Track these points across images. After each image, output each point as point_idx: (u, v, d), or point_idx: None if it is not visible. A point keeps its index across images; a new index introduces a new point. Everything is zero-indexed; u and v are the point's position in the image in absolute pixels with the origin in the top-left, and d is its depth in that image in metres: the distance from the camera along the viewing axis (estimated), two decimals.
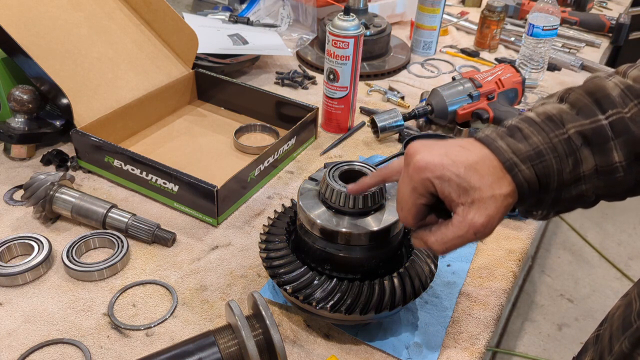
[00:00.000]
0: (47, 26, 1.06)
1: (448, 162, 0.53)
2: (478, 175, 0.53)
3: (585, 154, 0.54)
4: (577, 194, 0.56)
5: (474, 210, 0.53)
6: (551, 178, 0.54)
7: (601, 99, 0.54)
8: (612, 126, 0.53)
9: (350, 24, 1.07)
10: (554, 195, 0.55)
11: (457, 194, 0.53)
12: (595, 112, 0.54)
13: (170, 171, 0.92)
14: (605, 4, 2.03)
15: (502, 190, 0.53)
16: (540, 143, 0.54)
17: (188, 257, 0.87)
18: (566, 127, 0.54)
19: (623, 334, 0.56)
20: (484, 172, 0.53)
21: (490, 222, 0.53)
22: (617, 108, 0.54)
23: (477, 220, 0.53)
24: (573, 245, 2.61)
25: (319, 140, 1.17)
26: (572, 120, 0.54)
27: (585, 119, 0.54)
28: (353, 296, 0.70)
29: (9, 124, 1.03)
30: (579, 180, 0.54)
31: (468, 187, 0.52)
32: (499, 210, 0.53)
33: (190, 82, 1.23)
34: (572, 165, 0.54)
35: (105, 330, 0.75)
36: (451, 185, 0.53)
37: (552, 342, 2.16)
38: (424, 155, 0.54)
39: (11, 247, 0.84)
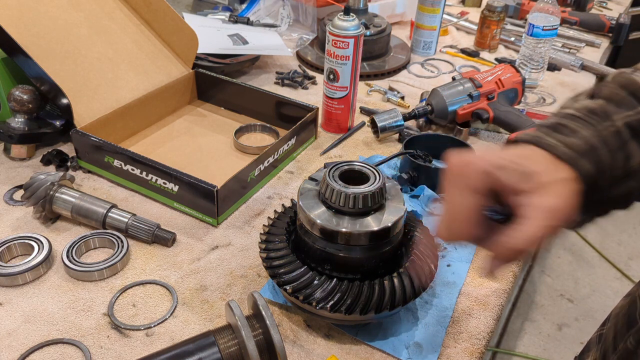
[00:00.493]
0: (47, 26, 1.06)
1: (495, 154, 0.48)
2: (534, 163, 0.47)
3: (634, 147, 0.50)
4: (625, 192, 0.51)
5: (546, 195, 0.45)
6: (604, 173, 0.49)
7: (636, 91, 0.51)
8: None
9: (350, 24, 1.07)
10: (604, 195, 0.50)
11: (518, 181, 0.46)
12: (635, 104, 0.51)
13: (170, 171, 0.92)
14: (605, 4, 2.03)
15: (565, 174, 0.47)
16: (592, 136, 0.49)
17: (188, 257, 0.87)
18: (613, 119, 0.50)
19: (628, 332, 0.56)
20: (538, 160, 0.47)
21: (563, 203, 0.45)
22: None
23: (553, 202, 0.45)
24: (573, 245, 2.61)
25: (319, 140, 1.17)
26: (617, 113, 0.50)
27: (629, 111, 0.50)
28: (353, 296, 0.70)
29: (9, 124, 1.03)
30: (628, 176, 0.50)
31: (529, 172, 0.46)
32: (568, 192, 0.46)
33: (190, 82, 1.23)
34: (623, 160, 0.49)
35: (105, 330, 0.75)
36: (509, 172, 0.46)
37: (552, 342, 2.16)
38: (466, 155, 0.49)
39: (11, 247, 0.84)
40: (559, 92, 1.43)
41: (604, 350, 0.62)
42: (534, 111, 1.27)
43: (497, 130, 1.22)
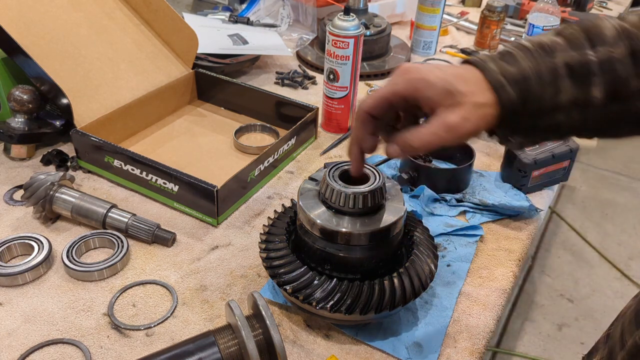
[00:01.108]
0: (47, 26, 1.06)
1: (437, 70, 0.55)
2: (465, 83, 0.54)
3: (567, 84, 0.55)
4: (552, 124, 0.57)
5: (450, 111, 0.54)
6: (531, 103, 0.55)
7: (594, 35, 0.56)
8: (600, 63, 0.55)
9: (350, 24, 1.07)
10: (531, 122, 0.56)
11: (441, 97, 0.54)
12: (586, 46, 0.55)
13: (170, 171, 0.92)
14: (605, 4, 2.03)
15: (485, 99, 0.54)
16: (528, 67, 0.55)
17: (188, 257, 0.87)
18: (555, 56, 0.55)
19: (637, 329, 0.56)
20: (471, 82, 0.55)
21: (463, 124, 0.54)
22: (607, 46, 0.55)
23: (451, 118, 0.54)
24: (573, 245, 2.61)
25: (319, 140, 1.17)
26: (563, 51, 0.55)
27: (575, 52, 0.55)
28: (353, 296, 0.70)
29: (9, 124, 1.03)
30: (556, 109, 0.55)
31: (454, 91, 0.54)
32: (476, 116, 0.54)
33: (190, 82, 1.23)
34: (552, 93, 0.55)
35: (105, 330, 0.75)
36: (436, 89, 0.54)
37: (552, 342, 2.16)
38: (413, 65, 0.57)
39: (11, 247, 0.84)
40: None
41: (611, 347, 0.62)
42: None
43: None
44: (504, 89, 0.54)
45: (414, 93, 0.56)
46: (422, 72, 0.55)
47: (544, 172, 1.03)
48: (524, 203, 0.97)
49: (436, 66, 0.56)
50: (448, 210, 0.98)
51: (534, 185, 1.04)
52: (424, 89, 0.55)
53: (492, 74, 0.55)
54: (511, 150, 1.02)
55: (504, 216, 0.98)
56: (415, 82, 0.55)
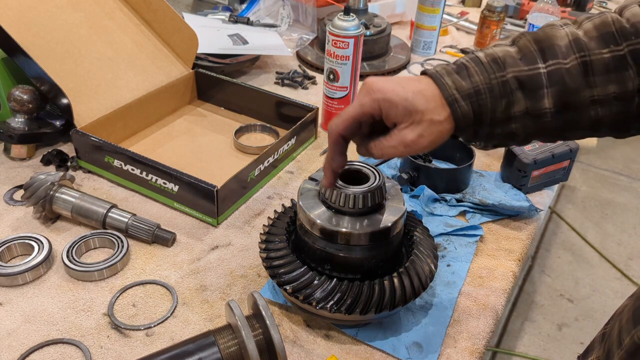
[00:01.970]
0: (47, 26, 1.06)
1: (399, 87, 0.60)
2: (424, 100, 0.59)
3: (518, 96, 0.58)
4: (508, 132, 0.60)
5: (409, 129, 0.60)
6: (485, 115, 0.59)
7: (546, 48, 0.58)
8: (549, 75, 0.57)
9: (350, 24, 1.07)
10: (488, 130, 0.60)
11: (402, 116, 0.60)
12: (537, 60, 0.58)
13: (170, 171, 0.92)
14: (605, 4, 2.03)
15: (440, 116, 0.59)
16: (480, 83, 0.58)
17: (188, 257, 0.87)
18: (506, 70, 0.58)
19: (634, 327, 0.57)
20: (429, 99, 0.59)
21: (419, 140, 0.60)
22: (558, 59, 0.57)
23: (409, 136, 0.60)
24: (573, 245, 2.61)
25: (319, 140, 1.17)
26: (514, 65, 0.58)
27: (525, 66, 0.58)
28: (353, 296, 0.70)
29: (9, 124, 1.03)
30: (510, 119, 0.59)
31: (413, 110, 0.59)
32: (431, 133, 0.59)
33: (190, 82, 1.23)
34: (505, 106, 0.58)
35: (105, 330, 0.75)
36: (397, 109, 0.59)
37: (552, 342, 2.16)
38: (378, 80, 0.61)
39: (11, 247, 0.84)
40: None
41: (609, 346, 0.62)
42: None
43: None
44: (458, 103, 0.58)
45: (379, 112, 0.61)
46: (386, 92, 0.60)
47: (544, 172, 1.03)
48: (524, 203, 0.97)
49: (399, 82, 0.61)
50: (448, 210, 0.98)
51: (534, 185, 1.04)
52: (388, 108, 0.60)
53: (447, 90, 0.59)
54: (511, 150, 1.02)
55: (504, 216, 0.98)
56: (380, 102, 0.60)
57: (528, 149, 1.02)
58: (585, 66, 0.56)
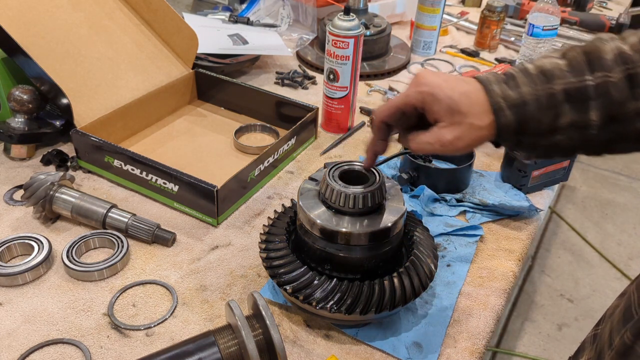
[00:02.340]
0: (47, 26, 1.06)
1: (446, 85, 0.60)
2: (469, 102, 0.59)
3: (565, 108, 0.58)
4: (553, 143, 0.60)
5: (449, 129, 0.60)
6: (529, 125, 0.59)
7: (594, 60, 0.58)
8: (597, 87, 0.57)
9: (350, 24, 1.07)
10: (532, 140, 0.60)
11: (444, 114, 0.60)
12: (585, 71, 0.58)
13: (170, 171, 0.92)
14: (605, 4, 2.03)
15: (482, 122, 0.59)
16: (527, 93, 0.58)
17: (188, 257, 0.87)
18: (555, 82, 0.58)
19: (624, 327, 0.57)
20: (474, 102, 0.59)
21: (456, 142, 0.60)
22: (605, 71, 0.57)
23: (447, 136, 0.60)
24: (573, 245, 2.61)
25: (319, 140, 1.17)
26: (562, 77, 0.58)
27: (573, 77, 0.58)
28: (353, 296, 0.70)
29: (9, 124, 1.03)
30: (556, 131, 0.59)
31: (455, 110, 0.59)
32: (470, 136, 0.60)
33: (190, 82, 1.23)
34: (551, 118, 0.58)
35: (105, 330, 0.75)
36: (441, 105, 0.60)
37: (552, 342, 2.16)
38: (428, 74, 0.62)
39: (11, 247, 0.84)
40: None
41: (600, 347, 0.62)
42: None
43: None
44: (503, 112, 0.58)
45: (422, 105, 0.61)
46: (433, 87, 0.60)
47: (544, 172, 1.03)
48: (524, 203, 0.97)
49: (447, 80, 0.61)
50: (448, 210, 0.98)
51: (534, 185, 1.04)
52: (431, 102, 0.60)
53: (494, 97, 0.59)
54: None
55: (504, 216, 0.98)
56: (425, 95, 0.61)
57: None
58: (631, 79, 0.56)
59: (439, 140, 0.61)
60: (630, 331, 0.56)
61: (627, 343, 0.56)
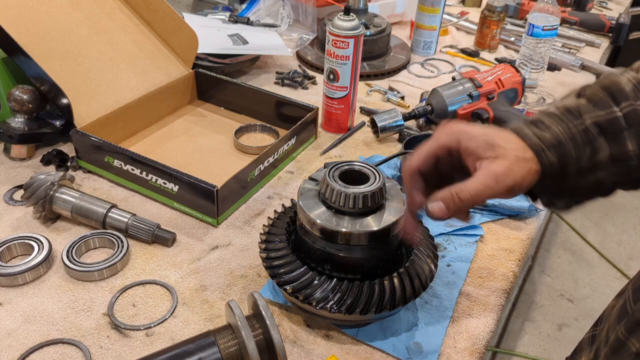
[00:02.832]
0: (47, 26, 1.06)
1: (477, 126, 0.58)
2: (505, 140, 0.57)
3: (601, 143, 0.57)
4: (594, 182, 0.59)
5: (497, 163, 0.55)
6: (570, 165, 0.57)
7: (616, 92, 0.58)
8: (626, 117, 0.57)
9: (350, 24, 1.07)
10: (573, 183, 0.59)
11: (483, 149, 0.56)
12: (610, 104, 0.58)
13: (170, 171, 0.92)
14: (605, 4, 2.03)
15: (526, 155, 0.56)
16: (560, 133, 0.57)
17: (188, 257, 0.87)
18: (583, 118, 0.58)
19: (619, 323, 0.57)
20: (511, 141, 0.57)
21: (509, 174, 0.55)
22: (630, 100, 0.57)
23: (498, 169, 0.55)
24: (573, 245, 2.61)
25: (319, 140, 1.17)
26: (589, 112, 0.58)
27: (601, 111, 0.57)
28: (353, 296, 0.70)
29: (9, 124, 1.03)
30: (596, 167, 0.58)
31: (495, 144, 0.56)
32: (520, 168, 0.56)
33: (190, 82, 1.23)
34: (590, 154, 0.57)
35: (105, 330, 0.75)
36: (477, 140, 0.57)
37: (552, 342, 2.16)
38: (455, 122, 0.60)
39: (11, 247, 0.84)
40: (559, 92, 1.43)
41: (597, 346, 0.63)
42: (534, 111, 1.27)
43: None
44: (544, 152, 0.57)
45: (457, 144, 0.58)
46: (464, 127, 0.58)
47: None
48: (524, 203, 0.97)
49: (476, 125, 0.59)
50: None
51: None
52: (466, 140, 0.57)
53: (531, 139, 0.57)
54: None
55: (504, 216, 0.98)
56: (458, 134, 0.58)
57: None
58: None
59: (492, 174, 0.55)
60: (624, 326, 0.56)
61: (620, 339, 0.56)
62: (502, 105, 1.17)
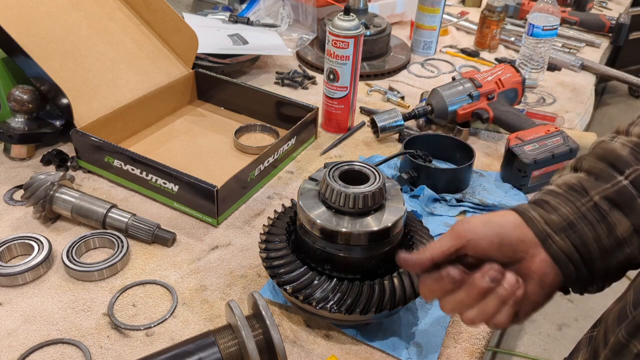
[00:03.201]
0: (47, 26, 1.06)
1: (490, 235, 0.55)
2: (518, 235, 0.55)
3: (617, 216, 0.54)
4: (624, 258, 0.55)
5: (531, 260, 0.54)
6: (590, 247, 0.54)
7: (614, 161, 0.56)
8: (634, 184, 0.54)
9: (350, 24, 1.07)
10: (602, 265, 0.55)
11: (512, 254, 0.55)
12: (613, 174, 0.55)
13: (170, 171, 0.92)
14: (605, 4, 2.03)
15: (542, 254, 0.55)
16: (569, 213, 0.55)
17: (188, 257, 0.87)
18: (590, 194, 0.55)
19: (619, 326, 0.57)
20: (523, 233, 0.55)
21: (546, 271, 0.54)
22: (633, 166, 0.55)
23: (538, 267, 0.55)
24: None
25: (319, 140, 1.17)
26: (594, 187, 0.55)
27: (606, 183, 0.55)
28: (353, 296, 0.70)
29: (9, 124, 1.03)
30: (621, 244, 0.55)
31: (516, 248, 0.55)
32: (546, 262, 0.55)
33: (190, 82, 1.23)
34: (608, 231, 0.54)
35: (105, 330, 0.75)
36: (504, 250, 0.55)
37: (552, 342, 2.16)
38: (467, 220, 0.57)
39: (11, 247, 0.84)
40: (559, 92, 1.43)
41: (595, 347, 0.62)
42: (534, 111, 1.27)
43: (497, 130, 1.22)
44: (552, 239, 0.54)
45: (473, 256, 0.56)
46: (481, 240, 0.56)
47: (544, 172, 1.02)
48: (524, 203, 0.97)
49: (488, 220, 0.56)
50: (448, 210, 0.98)
51: (534, 185, 1.04)
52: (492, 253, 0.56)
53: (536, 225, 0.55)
54: (511, 150, 1.02)
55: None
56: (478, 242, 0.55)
57: (528, 148, 1.02)
58: None
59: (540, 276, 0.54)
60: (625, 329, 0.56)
61: (621, 341, 0.56)
62: (502, 105, 1.17)
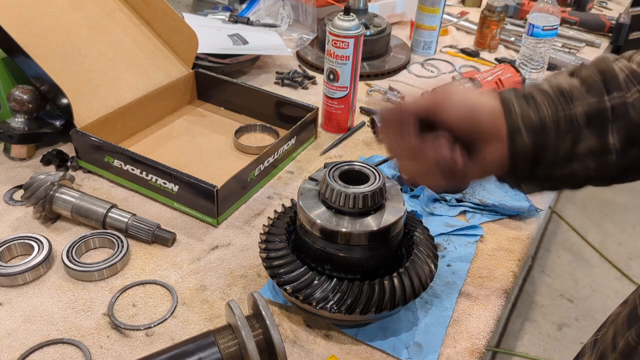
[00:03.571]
0: (47, 26, 1.06)
1: None
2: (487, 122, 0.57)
3: (585, 133, 0.55)
4: (567, 173, 0.57)
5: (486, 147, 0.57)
6: (547, 153, 0.56)
7: (609, 79, 0.56)
8: (613, 109, 0.55)
9: (350, 24, 1.07)
10: (546, 172, 0.57)
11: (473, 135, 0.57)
12: (602, 92, 0.55)
13: (170, 171, 0.92)
14: (605, 4, 2.03)
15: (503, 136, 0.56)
16: (547, 116, 0.55)
17: (188, 257, 0.87)
18: (574, 104, 0.55)
19: (629, 329, 0.57)
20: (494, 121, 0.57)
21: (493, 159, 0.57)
22: (622, 91, 0.55)
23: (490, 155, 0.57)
24: (573, 245, 2.61)
25: (319, 140, 1.17)
26: (581, 98, 0.55)
27: (593, 98, 0.55)
28: (353, 296, 0.70)
29: (9, 124, 1.03)
30: (573, 158, 0.56)
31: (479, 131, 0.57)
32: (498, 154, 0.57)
33: (190, 82, 1.23)
34: (570, 143, 0.55)
35: (105, 330, 0.75)
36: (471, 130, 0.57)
37: (552, 342, 2.16)
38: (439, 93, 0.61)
39: (11, 247, 0.84)
40: None
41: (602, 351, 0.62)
42: None
43: None
44: (520, 134, 0.55)
45: None
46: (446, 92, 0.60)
47: None
48: (524, 203, 0.97)
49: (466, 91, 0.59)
50: (448, 210, 0.98)
51: None
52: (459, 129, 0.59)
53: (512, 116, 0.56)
54: None
55: (504, 216, 0.98)
56: None
57: None
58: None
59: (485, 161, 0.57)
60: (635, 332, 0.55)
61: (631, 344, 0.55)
62: None
